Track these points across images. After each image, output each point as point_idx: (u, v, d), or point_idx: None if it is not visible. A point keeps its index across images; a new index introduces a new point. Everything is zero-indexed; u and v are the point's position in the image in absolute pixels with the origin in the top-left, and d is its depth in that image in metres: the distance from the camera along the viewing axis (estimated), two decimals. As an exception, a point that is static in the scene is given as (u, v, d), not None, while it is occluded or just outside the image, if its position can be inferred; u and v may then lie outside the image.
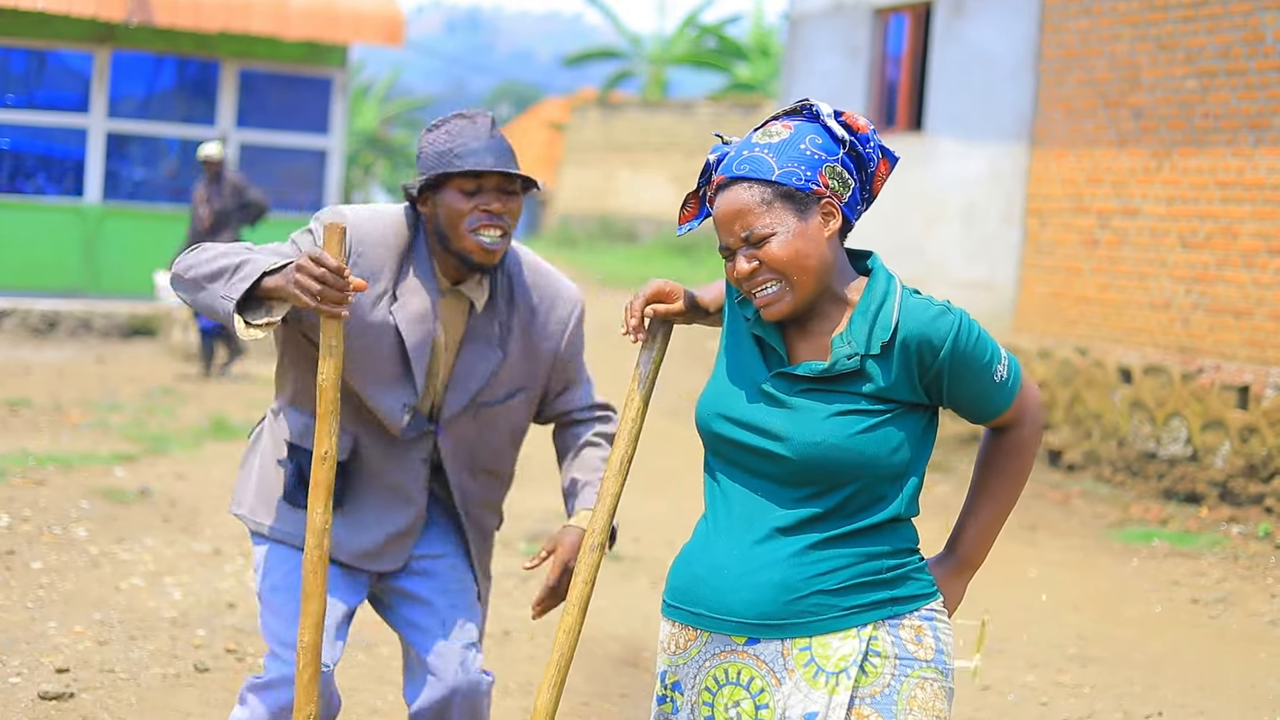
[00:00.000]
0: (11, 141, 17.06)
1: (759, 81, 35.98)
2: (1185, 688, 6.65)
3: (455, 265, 3.73)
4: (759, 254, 2.91)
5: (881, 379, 2.92)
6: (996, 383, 2.98)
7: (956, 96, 13.42)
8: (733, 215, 2.93)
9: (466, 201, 3.65)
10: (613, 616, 7.33)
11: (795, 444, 2.90)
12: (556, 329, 3.93)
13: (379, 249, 3.71)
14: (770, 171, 2.91)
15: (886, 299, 2.94)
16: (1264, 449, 9.75)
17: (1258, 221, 10.23)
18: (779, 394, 2.96)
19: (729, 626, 2.94)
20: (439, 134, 3.70)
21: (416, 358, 3.72)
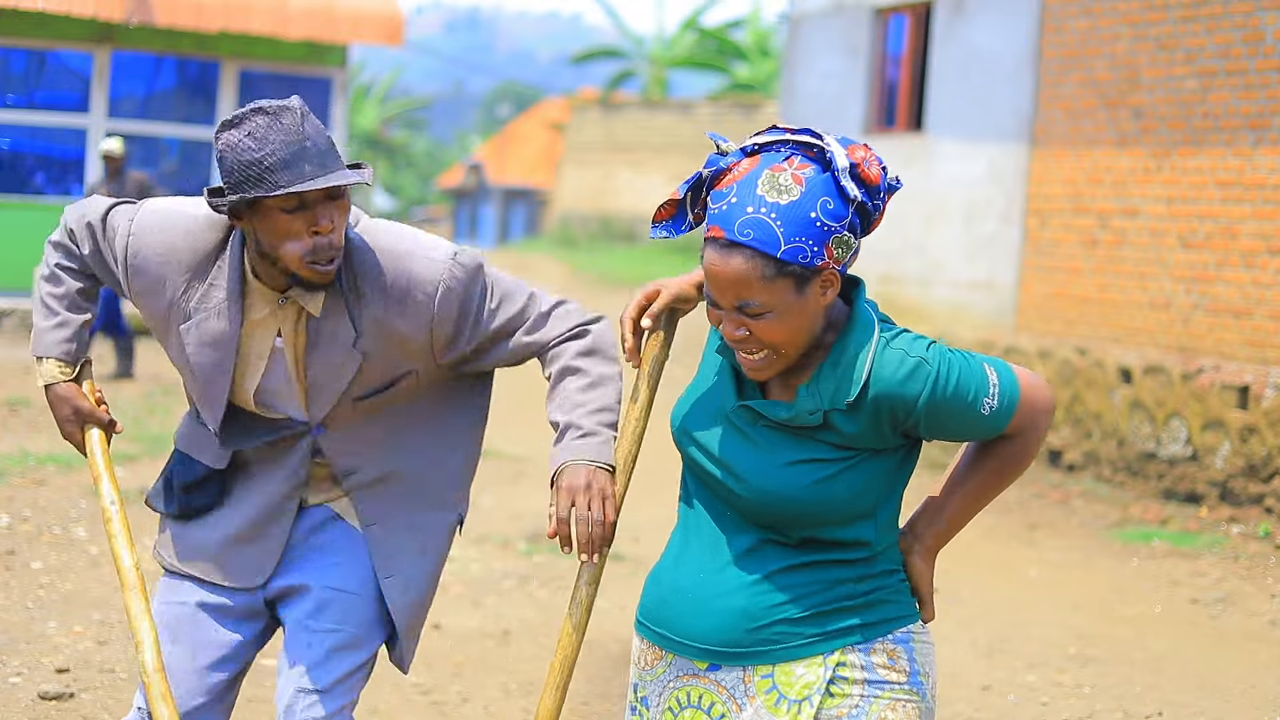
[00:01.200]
0: (11, 141, 17.06)
1: (759, 82, 35.97)
2: (1185, 687, 6.65)
3: (281, 275, 3.23)
4: (750, 325, 2.79)
5: (845, 429, 2.82)
6: (986, 415, 2.85)
7: (956, 96, 13.42)
8: (729, 283, 2.78)
9: (290, 221, 3.13)
10: (613, 617, 7.33)
11: (750, 487, 2.85)
12: (417, 313, 3.32)
13: (164, 264, 3.30)
14: (776, 246, 2.72)
15: (861, 353, 2.81)
16: (1264, 449, 9.75)
17: (1258, 221, 10.23)
18: (742, 426, 2.89)
19: (691, 651, 2.90)
20: (240, 136, 3.11)
21: (207, 383, 3.34)
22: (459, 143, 74.49)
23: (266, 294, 3.28)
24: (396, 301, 3.30)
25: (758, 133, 2.88)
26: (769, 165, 2.78)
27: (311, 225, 3.13)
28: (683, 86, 57.52)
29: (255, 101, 3.17)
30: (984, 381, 2.84)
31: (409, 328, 3.32)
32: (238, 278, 3.27)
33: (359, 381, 3.35)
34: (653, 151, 33.31)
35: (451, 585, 7.62)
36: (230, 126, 3.13)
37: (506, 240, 50.54)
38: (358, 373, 3.33)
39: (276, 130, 3.10)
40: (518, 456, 11.43)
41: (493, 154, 55.65)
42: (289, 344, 3.32)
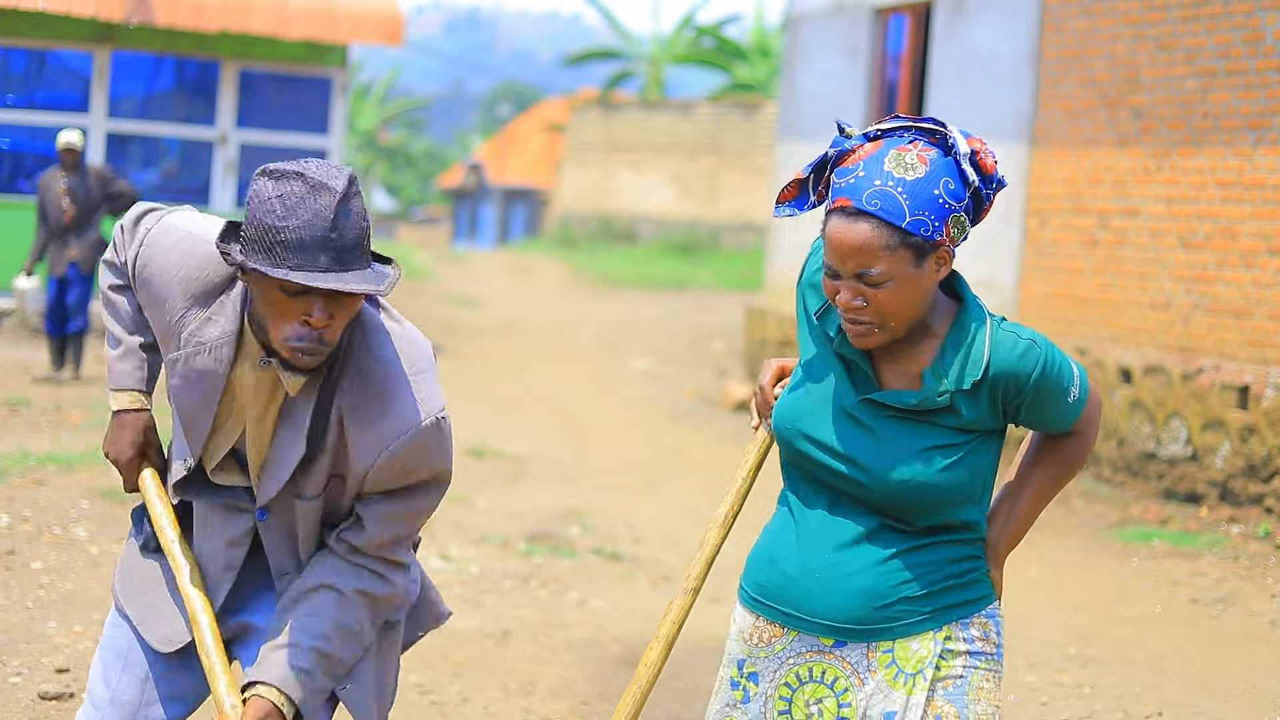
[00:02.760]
0: (11, 141, 17.06)
1: (759, 81, 35.98)
2: (1185, 687, 6.66)
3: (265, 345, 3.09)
4: (868, 293, 2.91)
5: (968, 413, 2.99)
6: (1070, 403, 3.06)
7: (956, 96, 13.41)
8: (852, 250, 2.90)
9: (286, 301, 2.94)
10: (614, 617, 7.33)
11: (878, 478, 2.98)
12: (373, 449, 3.10)
13: (169, 284, 3.16)
14: (902, 216, 2.87)
15: (978, 334, 2.99)
16: (1264, 449, 9.75)
17: (1258, 221, 10.23)
18: (865, 419, 3.01)
19: (819, 628, 3.04)
20: (271, 194, 2.91)
21: (190, 419, 3.17)
22: (459, 143, 74.50)
23: (254, 351, 3.10)
24: (359, 419, 3.09)
25: (880, 120, 3.04)
26: (894, 146, 2.94)
27: (305, 313, 2.94)
28: (681, 86, 57.55)
29: (308, 161, 2.98)
30: (1072, 370, 3.05)
31: (359, 449, 3.10)
32: (238, 321, 3.10)
33: (304, 479, 3.13)
34: (652, 151, 33.30)
35: (451, 585, 7.62)
36: (269, 176, 2.94)
37: (506, 240, 50.54)
38: (301, 468, 3.11)
39: (307, 207, 2.89)
40: (517, 456, 11.43)
41: (493, 154, 55.65)
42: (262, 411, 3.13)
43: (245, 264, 2.92)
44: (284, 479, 3.12)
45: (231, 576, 3.27)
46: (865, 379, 3.04)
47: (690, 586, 3.26)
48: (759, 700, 3.10)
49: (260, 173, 2.96)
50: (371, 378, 3.11)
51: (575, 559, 8.43)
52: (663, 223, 32.69)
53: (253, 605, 3.32)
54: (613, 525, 9.35)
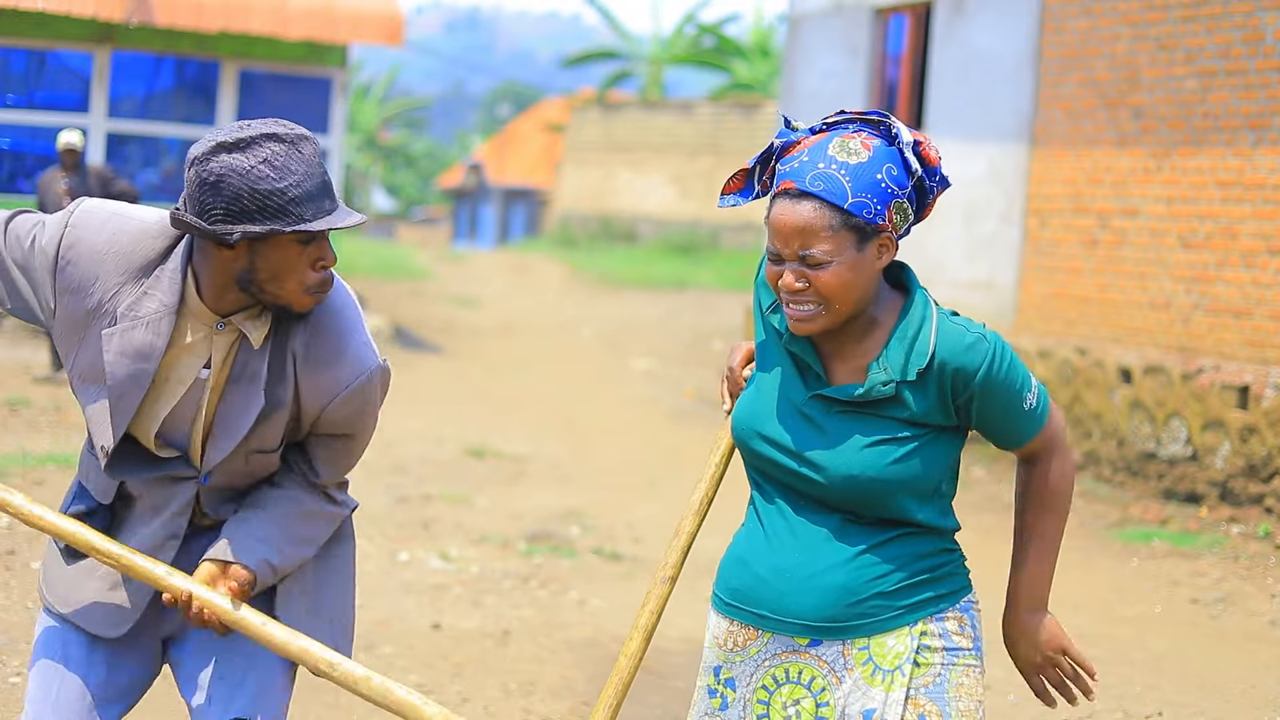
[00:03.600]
0: (12, 141, 17.06)
1: (759, 81, 35.97)
2: (1185, 687, 6.66)
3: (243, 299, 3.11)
4: (810, 275, 2.94)
5: (915, 405, 2.99)
6: (1025, 410, 3.05)
7: (956, 96, 13.42)
8: (794, 231, 2.94)
9: (301, 253, 3.03)
10: (613, 617, 7.33)
11: (831, 474, 2.99)
12: (325, 392, 3.18)
13: (100, 261, 3.11)
14: (844, 197, 2.91)
15: (924, 324, 3.01)
16: (1264, 449, 9.75)
17: (1258, 221, 10.23)
18: (816, 416, 3.02)
19: (793, 629, 3.04)
20: (253, 163, 2.96)
21: (119, 397, 3.11)
22: (459, 143, 74.49)
23: (204, 316, 3.12)
24: (315, 364, 3.17)
25: (826, 117, 3.06)
26: (838, 135, 2.98)
27: (319, 259, 3.06)
28: (681, 86, 57.55)
29: (254, 123, 3.02)
30: (1028, 377, 3.05)
31: (310, 395, 3.18)
32: (178, 292, 3.10)
33: (258, 433, 3.17)
34: (652, 151, 33.31)
35: (451, 585, 7.62)
36: (233, 149, 2.96)
37: (506, 240, 50.53)
38: (260, 422, 3.16)
39: (297, 160, 2.99)
40: (517, 456, 11.43)
41: (493, 154, 55.64)
42: (213, 375, 3.15)
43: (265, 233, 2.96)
44: (238, 438, 3.15)
45: (175, 545, 3.26)
46: (815, 377, 3.05)
47: (667, 575, 3.23)
48: (737, 706, 3.09)
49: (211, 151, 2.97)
50: (323, 324, 3.18)
51: (575, 559, 8.43)
52: (663, 223, 32.69)
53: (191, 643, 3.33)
54: (613, 525, 9.35)
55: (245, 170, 2.94)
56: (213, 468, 3.20)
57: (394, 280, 24.68)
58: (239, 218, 2.96)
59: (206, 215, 2.98)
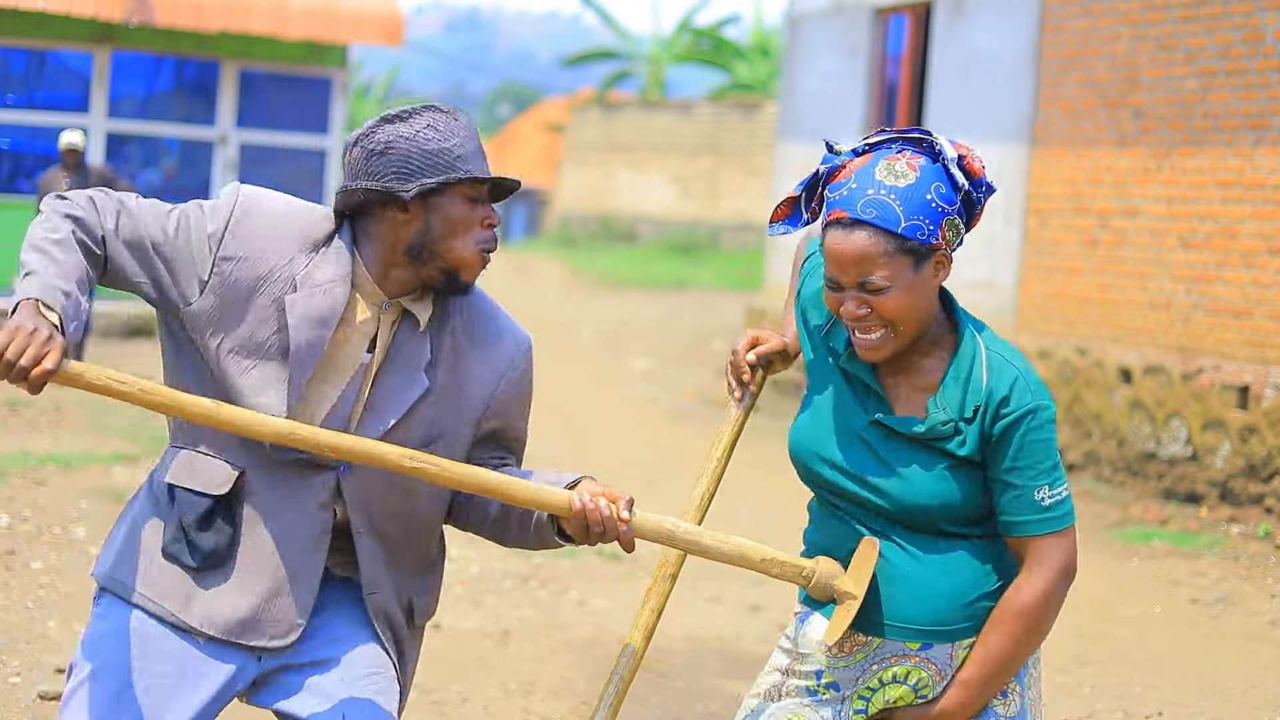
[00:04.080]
0: (11, 141, 17.07)
1: (759, 81, 35.97)
2: (1185, 687, 6.66)
3: (410, 278, 3.15)
4: (871, 301, 2.97)
5: (970, 441, 3.04)
6: (1035, 499, 3.03)
7: (956, 96, 13.42)
8: (852, 260, 2.96)
9: (470, 210, 3.12)
10: (614, 616, 7.33)
11: (895, 500, 3.05)
12: (494, 369, 3.26)
13: (273, 231, 3.14)
14: (897, 222, 2.94)
15: (975, 359, 3.05)
16: (1264, 449, 9.75)
17: (1258, 221, 10.23)
18: (874, 443, 3.08)
19: (905, 634, 3.09)
20: (418, 128, 3.10)
21: (299, 361, 3.08)
22: (459, 143, 74.40)
23: (372, 294, 3.16)
24: (481, 343, 3.26)
25: (867, 136, 3.13)
26: (883, 157, 3.01)
27: (486, 218, 3.15)
28: (681, 86, 57.54)
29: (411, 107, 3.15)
30: (1057, 471, 3.05)
31: (478, 377, 3.24)
32: (348, 265, 3.14)
33: (410, 420, 3.14)
34: (652, 151, 33.30)
35: (451, 585, 7.62)
36: (397, 120, 3.11)
37: (507, 240, 50.49)
38: (416, 403, 3.14)
39: (456, 126, 3.13)
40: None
41: (493, 154, 55.60)
42: (377, 354, 3.16)
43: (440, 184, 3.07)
44: (390, 420, 3.13)
45: (323, 551, 3.15)
46: (875, 399, 3.09)
47: (669, 573, 3.24)
48: (835, 704, 3.15)
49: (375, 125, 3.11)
50: (476, 305, 3.28)
51: (575, 559, 8.42)
52: (663, 223, 32.68)
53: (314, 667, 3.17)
54: (613, 525, 9.34)
55: (411, 135, 3.09)
56: None
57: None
58: (413, 175, 3.08)
59: (381, 179, 3.09)
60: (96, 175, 13.45)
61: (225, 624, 3.09)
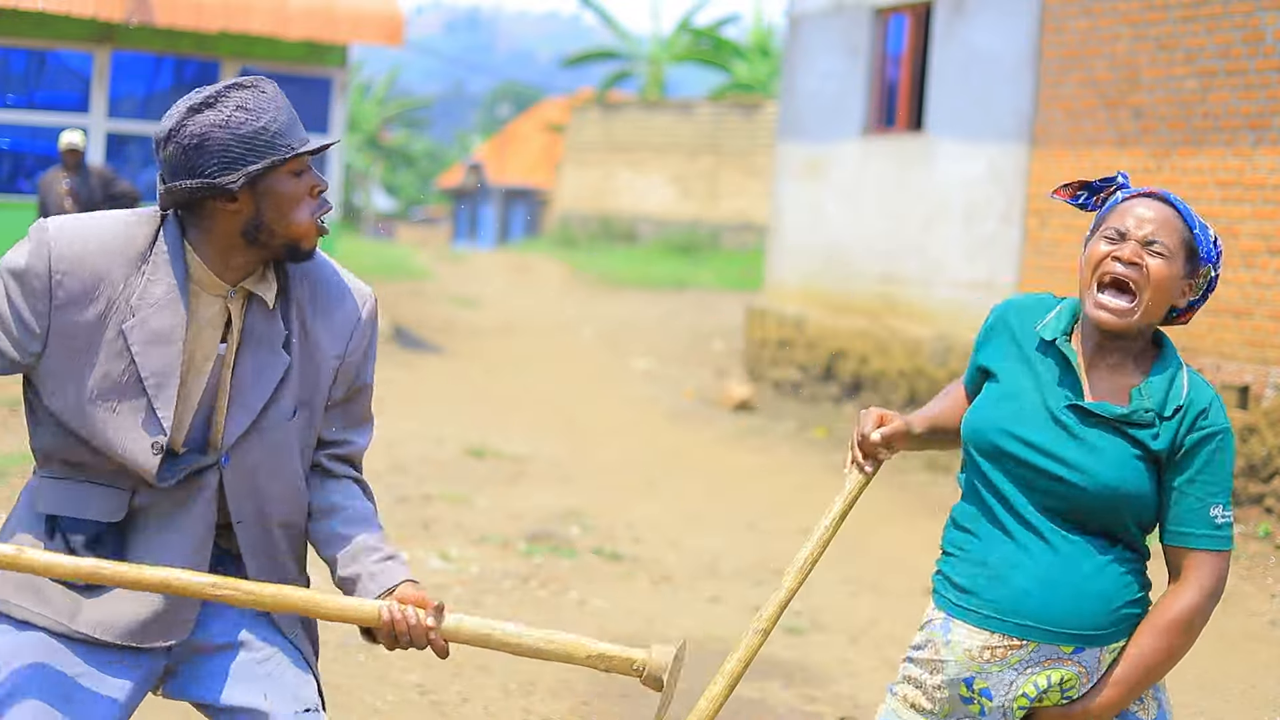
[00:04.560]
0: (11, 141, 17.06)
1: (759, 81, 35.97)
2: (1185, 687, 6.65)
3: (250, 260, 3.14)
4: (1147, 260, 3.14)
5: (1162, 438, 3.15)
6: (1210, 514, 3.17)
7: (956, 96, 13.42)
8: (1155, 220, 3.16)
9: (298, 184, 3.13)
10: (614, 617, 7.33)
11: (1093, 478, 3.14)
12: (341, 327, 3.28)
13: (98, 260, 3.08)
14: (1194, 225, 3.19)
15: (1180, 369, 3.22)
16: (1264, 449, 9.75)
17: (1258, 221, 10.23)
18: (1071, 425, 3.18)
19: (1061, 638, 3.18)
20: (227, 113, 3.06)
21: (158, 384, 3.08)
22: (459, 143, 74.49)
23: (215, 285, 3.14)
24: (324, 308, 3.27)
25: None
26: None
27: (314, 186, 3.16)
28: (681, 86, 57.54)
29: (207, 88, 3.12)
30: (1230, 492, 3.21)
31: (328, 341, 3.26)
32: (181, 270, 3.12)
33: (277, 397, 3.18)
34: (652, 151, 33.30)
35: (451, 585, 7.62)
36: (205, 108, 3.07)
37: (506, 240, 50.54)
38: (279, 382, 3.18)
39: (264, 100, 3.11)
40: (516, 456, 11.43)
41: (493, 154, 55.65)
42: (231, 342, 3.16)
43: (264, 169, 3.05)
44: (259, 402, 3.15)
45: (209, 546, 3.18)
46: (1074, 384, 3.21)
47: (762, 628, 3.31)
48: (996, 714, 3.22)
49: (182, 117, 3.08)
50: (315, 272, 3.28)
51: (575, 559, 8.43)
52: (663, 223, 32.68)
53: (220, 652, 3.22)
54: (613, 525, 9.35)
55: (224, 122, 3.05)
56: (231, 446, 3.15)
57: (394, 280, 24.67)
58: (235, 164, 3.05)
59: (203, 175, 3.06)
60: (96, 175, 13.44)
61: (126, 629, 3.10)
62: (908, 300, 13.82)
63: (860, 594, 8.10)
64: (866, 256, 14.44)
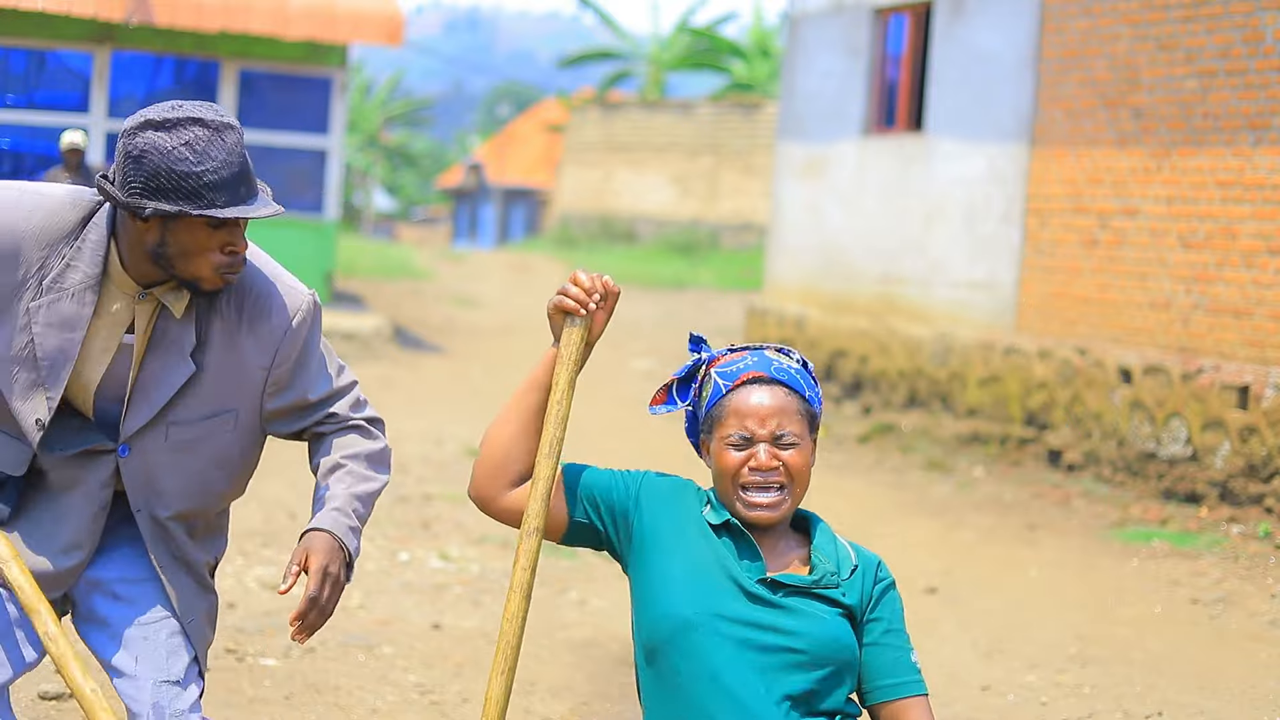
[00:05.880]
0: (11, 141, 17.06)
1: (759, 81, 35.98)
2: (1185, 687, 6.66)
3: (158, 274, 3.22)
4: (782, 457, 3.14)
5: (852, 596, 3.17)
6: (912, 660, 3.18)
7: (956, 96, 13.42)
8: (773, 411, 3.15)
9: (210, 235, 3.14)
10: (613, 617, 7.33)
11: (815, 639, 3.09)
12: (268, 339, 3.31)
13: (20, 236, 3.18)
14: (804, 389, 3.21)
15: (834, 537, 3.24)
16: (1264, 449, 9.75)
17: (1257, 221, 10.24)
18: (772, 597, 3.13)
19: None
20: (175, 144, 3.07)
21: (49, 367, 3.20)
22: (458, 143, 74.49)
23: (127, 285, 3.23)
24: (250, 320, 3.30)
25: (733, 345, 3.33)
26: (765, 349, 3.26)
27: (229, 244, 3.16)
28: (681, 86, 57.54)
29: (185, 105, 3.13)
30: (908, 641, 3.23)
31: (254, 353, 3.32)
32: (100, 263, 3.21)
33: (182, 402, 3.28)
34: (652, 152, 33.31)
35: (451, 585, 7.62)
36: (159, 128, 3.08)
37: (506, 240, 50.55)
38: (185, 387, 3.27)
39: (218, 147, 3.09)
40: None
41: (492, 154, 55.65)
42: (137, 342, 3.26)
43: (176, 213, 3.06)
44: (159, 403, 3.25)
45: (101, 522, 3.35)
46: (756, 558, 3.17)
47: (533, 526, 3.17)
48: None
49: (140, 126, 3.09)
50: (248, 282, 3.31)
51: (575, 559, 8.42)
52: (662, 223, 32.69)
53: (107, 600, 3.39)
54: (612, 525, 9.33)
55: (167, 150, 3.06)
56: (130, 439, 3.28)
57: (394, 280, 24.67)
58: (154, 194, 3.07)
59: (127, 187, 3.10)
60: (98, 174, 13.45)
61: None
62: (908, 300, 13.82)
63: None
64: (866, 256, 14.44)
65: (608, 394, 15.39)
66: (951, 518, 10.18)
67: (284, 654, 6.32)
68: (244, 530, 8.04)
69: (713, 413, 3.20)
